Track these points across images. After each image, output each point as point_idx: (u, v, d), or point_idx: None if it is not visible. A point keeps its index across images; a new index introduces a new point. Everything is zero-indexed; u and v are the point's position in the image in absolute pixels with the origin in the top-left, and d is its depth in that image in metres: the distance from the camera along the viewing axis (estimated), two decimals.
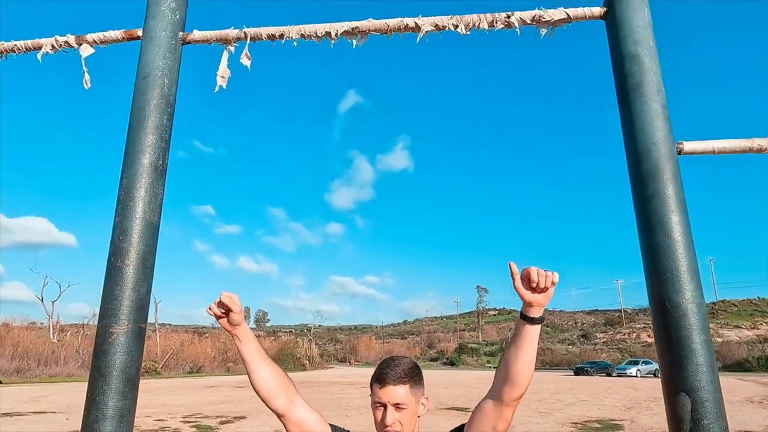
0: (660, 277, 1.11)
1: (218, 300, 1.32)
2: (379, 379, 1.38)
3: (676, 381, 1.06)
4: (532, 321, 1.22)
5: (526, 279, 1.20)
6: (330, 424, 1.41)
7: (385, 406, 1.35)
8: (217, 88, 1.49)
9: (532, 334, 1.23)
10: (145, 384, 28.69)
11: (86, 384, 1.15)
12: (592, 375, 38.50)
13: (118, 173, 1.30)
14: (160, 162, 1.31)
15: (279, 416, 1.35)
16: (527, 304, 1.22)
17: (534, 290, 1.20)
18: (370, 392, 1.44)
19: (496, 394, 1.29)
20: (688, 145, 1.21)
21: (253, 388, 1.36)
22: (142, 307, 1.21)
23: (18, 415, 13.77)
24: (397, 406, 1.35)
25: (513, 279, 1.22)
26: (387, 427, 1.34)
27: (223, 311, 1.33)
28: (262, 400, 1.35)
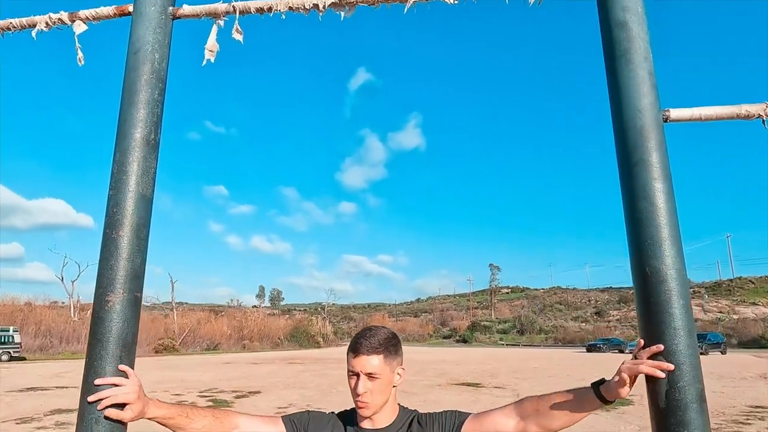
0: (641, 244, 1.12)
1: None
2: (353, 349, 1.38)
3: (655, 345, 1.07)
4: (605, 402, 1.20)
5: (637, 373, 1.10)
6: (283, 417, 1.45)
7: (357, 375, 1.35)
8: (204, 62, 1.51)
9: (594, 408, 1.22)
10: (163, 360, 29.47)
11: None
12: (604, 352, 38.60)
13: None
14: (153, 136, 1.34)
15: None
16: (614, 387, 1.14)
17: (632, 382, 1.14)
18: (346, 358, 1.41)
19: (521, 417, 1.29)
20: (675, 113, 1.20)
21: None
22: (136, 276, 1.25)
23: (42, 390, 14.28)
24: (369, 375, 1.34)
25: (638, 357, 1.11)
26: (358, 396, 1.34)
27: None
28: None
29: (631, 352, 1.20)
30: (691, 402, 1.03)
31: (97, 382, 1.16)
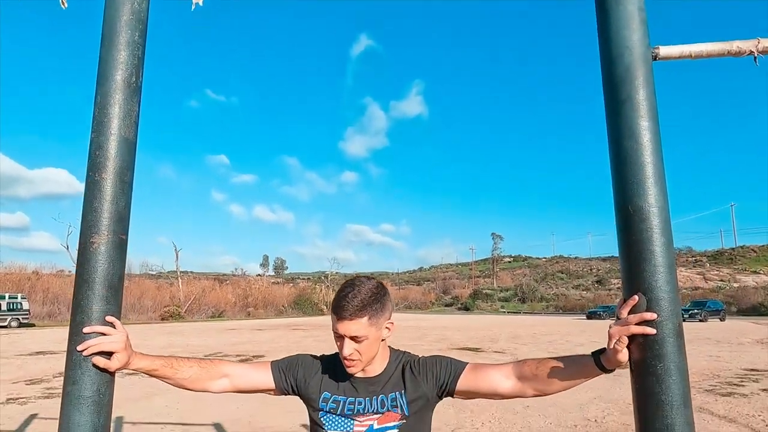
0: (625, 183, 1.11)
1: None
2: (335, 311, 1.30)
3: (634, 282, 1.08)
4: (605, 371, 1.18)
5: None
6: (271, 363, 1.46)
7: (343, 337, 1.30)
8: (193, 6, 1.48)
9: (593, 376, 1.21)
10: (169, 327, 30.03)
11: None
12: (604, 319, 39.05)
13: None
14: (134, 79, 1.32)
15: (229, 392, 1.43)
16: (612, 356, 1.11)
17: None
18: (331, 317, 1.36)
19: (519, 378, 1.30)
20: (664, 50, 1.17)
21: (191, 390, 1.41)
22: (121, 219, 1.25)
23: (50, 354, 14.63)
24: (354, 338, 1.29)
25: (621, 310, 1.10)
26: (345, 357, 1.31)
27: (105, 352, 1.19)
28: (203, 391, 1.42)
29: None
30: (668, 336, 1.04)
31: (86, 330, 1.17)
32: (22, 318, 30.47)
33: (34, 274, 42.51)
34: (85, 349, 1.16)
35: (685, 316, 35.40)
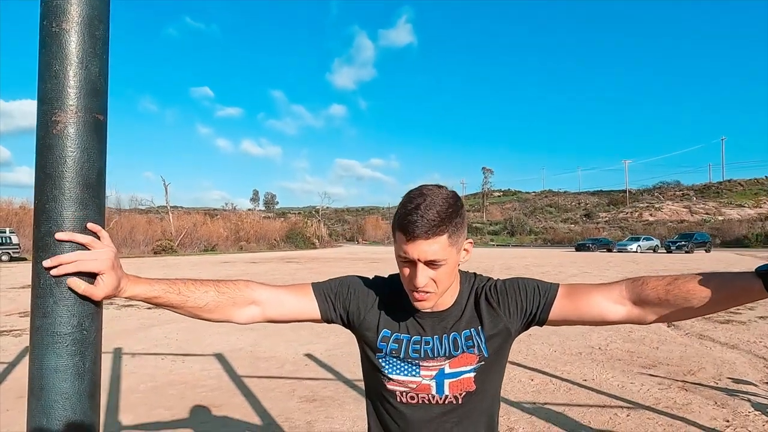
0: None
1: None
2: (405, 229, 0.98)
3: None
4: None
5: None
6: (313, 285, 1.16)
7: (414, 262, 1.00)
8: None
9: (751, 300, 0.91)
10: (162, 260, 30.05)
11: None
12: (593, 251, 39.77)
13: None
14: None
15: (259, 322, 1.13)
16: None
17: None
18: (392, 239, 1.06)
19: (636, 302, 1.01)
20: None
21: (209, 320, 1.09)
22: (96, 92, 0.88)
23: None
24: (432, 263, 0.99)
25: None
26: (418, 288, 1.01)
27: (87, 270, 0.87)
28: (225, 321, 1.11)
29: (619, 251, 0.86)
30: None
31: (59, 236, 0.84)
32: (13, 252, 30.20)
33: (21, 209, 41.79)
34: (57, 266, 0.83)
35: (672, 247, 36.16)
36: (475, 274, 1.18)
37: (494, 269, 20.30)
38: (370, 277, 1.20)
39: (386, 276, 1.19)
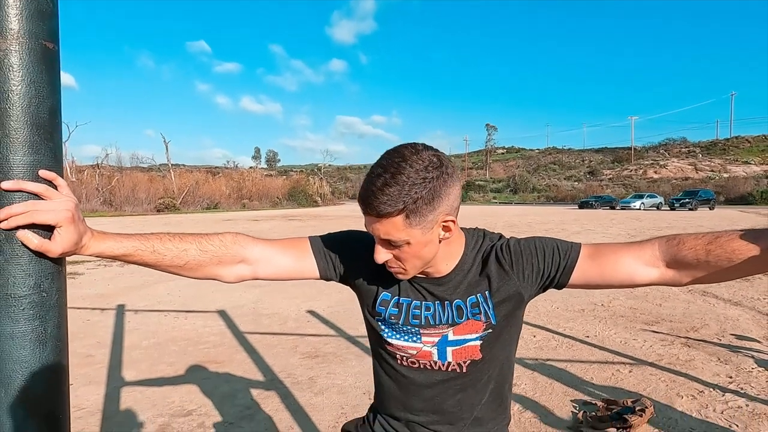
0: None
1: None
2: (360, 199, 0.88)
3: None
4: None
5: None
6: (310, 240, 1.06)
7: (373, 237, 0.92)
8: None
9: None
10: (165, 218, 30.10)
11: (111, 219, 0.74)
12: (596, 208, 39.67)
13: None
14: None
15: (248, 280, 1.03)
16: None
17: None
18: None
19: (670, 264, 0.91)
20: None
21: (193, 278, 0.99)
22: (42, 14, 0.75)
23: None
24: (387, 243, 0.89)
25: None
26: (377, 263, 0.93)
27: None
28: (211, 279, 1.01)
29: (623, 209, 0.75)
30: None
31: (5, 185, 0.72)
32: None
33: None
34: (6, 219, 0.72)
35: (676, 204, 36.06)
36: (484, 231, 1.07)
37: (497, 227, 20.27)
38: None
39: None
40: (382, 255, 0.91)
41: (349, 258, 1.04)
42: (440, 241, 0.93)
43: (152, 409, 3.10)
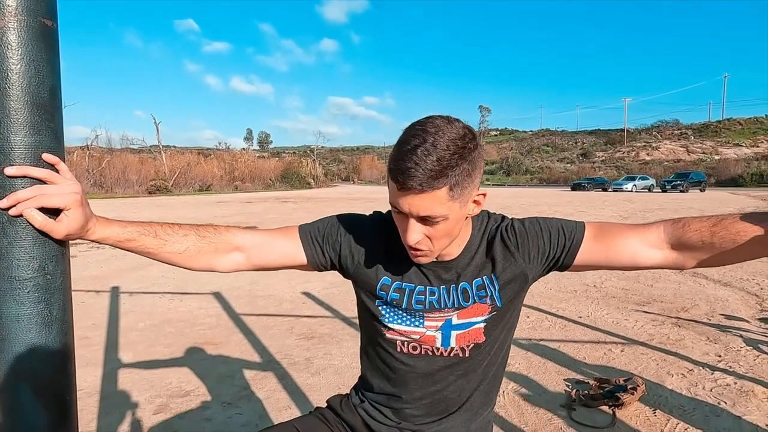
0: None
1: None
2: (396, 178, 0.82)
3: None
4: None
5: None
6: (300, 228, 1.05)
7: (406, 215, 0.85)
8: None
9: None
10: (157, 200, 29.92)
11: (102, 201, 0.73)
12: (588, 190, 39.86)
13: None
14: None
15: (243, 270, 1.03)
16: None
17: None
18: (387, 182, 0.89)
19: (675, 247, 0.90)
20: None
21: (189, 268, 0.98)
22: None
23: None
24: (425, 219, 0.85)
25: None
26: (410, 247, 0.89)
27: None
28: (207, 270, 1.00)
29: (615, 191, 0.75)
30: None
31: (9, 171, 0.71)
32: None
33: None
34: (15, 205, 0.71)
35: (667, 186, 36.31)
36: (488, 213, 1.07)
37: (490, 209, 20.27)
38: (368, 214, 1.08)
39: (386, 212, 1.06)
40: (416, 235, 0.86)
41: (339, 242, 1.03)
42: (466, 218, 0.92)
43: (150, 390, 3.12)
